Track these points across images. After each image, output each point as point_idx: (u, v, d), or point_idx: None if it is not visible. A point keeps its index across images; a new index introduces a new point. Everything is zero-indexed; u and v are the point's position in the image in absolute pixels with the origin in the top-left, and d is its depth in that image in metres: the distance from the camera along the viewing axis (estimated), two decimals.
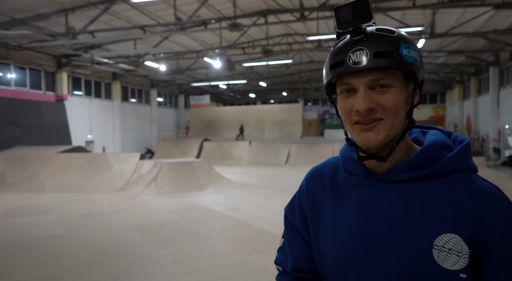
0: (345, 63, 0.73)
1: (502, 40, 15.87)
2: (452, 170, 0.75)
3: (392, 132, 0.75)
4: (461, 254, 0.69)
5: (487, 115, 20.16)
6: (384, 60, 0.72)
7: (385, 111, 0.74)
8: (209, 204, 7.86)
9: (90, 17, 13.15)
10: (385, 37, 0.74)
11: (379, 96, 0.74)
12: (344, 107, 0.77)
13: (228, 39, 17.27)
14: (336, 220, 0.82)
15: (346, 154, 0.87)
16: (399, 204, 0.75)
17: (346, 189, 0.84)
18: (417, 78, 0.76)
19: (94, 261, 4.48)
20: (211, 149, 19.97)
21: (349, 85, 0.75)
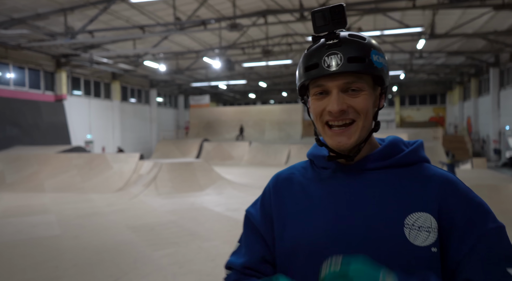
0: (320, 66, 0.78)
1: (502, 41, 15.86)
2: (411, 161, 0.84)
3: (362, 134, 0.81)
4: (430, 229, 0.75)
5: (487, 116, 20.16)
6: (357, 65, 0.76)
7: (357, 113, 0.79)
8: (209, 205, 7.84)
9: (89, 16, 13.12)
10: (358, 43, 0.78)
11: (351, 99, 0.78)
12: (316, 108, 0.81)
13: (228, 39, 17.25)
14: (307, 214, 0.84)
15: (315, 152, 0.92)
16: (369, 190, 0.81)
17: (317, 183, 0.87)
18: (385, 83, 0.82)
19: (92, 261, 4.45)
20: (211, 149, 19.95)
21: (323, 87, 0.79)
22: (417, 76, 25.98)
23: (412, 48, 18.02)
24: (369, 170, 0.84)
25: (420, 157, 0.86)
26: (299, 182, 0.91)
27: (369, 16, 13.81)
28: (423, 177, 0.81)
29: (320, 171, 0.89)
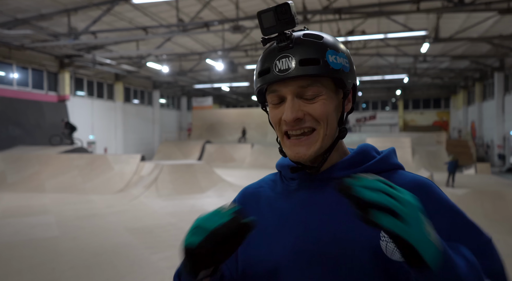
0: (271, 70, 0.72)
1: (507, 46, 15.75)
2: (383, 168, 0.78)
3: (324, 143, 0.74)
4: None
5: (492, 120, 20.01)
6: (310, 68, 0.70)
7: (315, 121, 0.72)
8: (209, 207, 7.78)
9: (92, 17, 13.15)
10: (311, 43, 0.72)
11: (307, 105, 0.72)
12: (273, 117, 0.76)
13: (231, 41, 17.25)
14: (274, 230, 0.78)
15: (282, 162, 0.86)
16: (339, 200, 0.69)
17: (285, 195, 0.81)
18: (346, 85, 0.74)
19: (90, 263, 4.40)
20: (213, 151, 19.93)
21: (277, 92, 0.73)
22: (421, 80, 25.86)
23: (416, 52, 17.94)
24: (338, 179, 0.74)
25: (392, 164, 0.80)
26: (266, 196, 0.84)
27: (373, 19, 13.75)
28: (398, 183, 0.70)
29: (288, 182, 0.83)
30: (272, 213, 0.80)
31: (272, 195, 0.84)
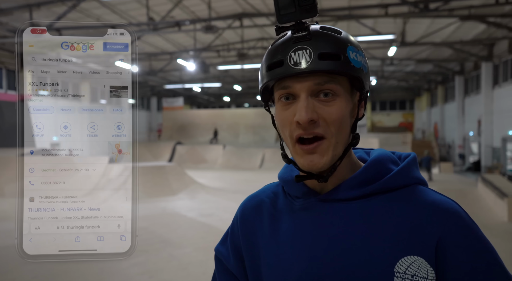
0: (285, 63, 0.63)
1: (467, 51, 16.58)
2: (401, 185, 0.68)
3: (337, 151, 0.66)
4: (426, 280, 0.60)
5: (453, 122, 21.02)
6: (330, 63, 0.62)
7: (327, 127, 0.64)
8: (181, 210, 7.63)
9: (56, 14, 12.58)
10: (331, 36, 0.65)
11: (322, 107, 0.64)
12: (283, 119, 0.67)
13: (203, 41, 17.08)
14: (279, 252, 0.70)
15: (285, 175, 0.76)
16: (350, 225, 0.66)
17: (289, 215, 0.73)
18: (364, 86, 0.67)
19: (55, 272, 4.18)
20: (184, 152, 19.63)
21: (289, 89, 0.65)
22: (388, 82, 26.76)
23: (384, 55, 18.53)
24: (348, 200, 0.68)
25: (412, 178, 0.69)
26: (269, 213, 0.76)
27: (342, 23, 14.06)
28: (418, 206, 0.65)
29: (292, 200, 0.74)
30: (275, 234, 0.72)
31: (274, 212, 0.76)
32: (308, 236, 0.68)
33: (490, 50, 16.09)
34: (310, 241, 0.68)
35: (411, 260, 0.61)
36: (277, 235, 0.72)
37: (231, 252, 0.79)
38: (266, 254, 0.72)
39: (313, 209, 0.70)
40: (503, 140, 15.22)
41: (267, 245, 0.73)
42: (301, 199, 0.73)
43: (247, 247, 0.76)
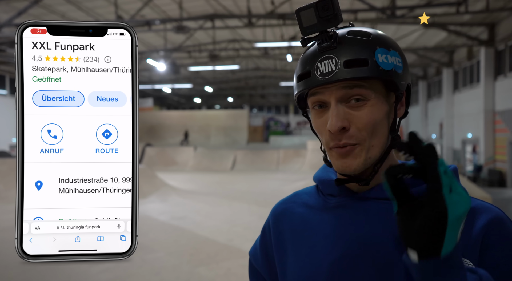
0: (312, 74, 0.65)
1: (430, 57, 17.40)
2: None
3: (372, 154, 0.66)
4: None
5: (417, 124, 21.95)
6: (357, 70, 0.62)
7: (359, 132, 0.64)
8: (152, 213, 7.44)
9: (17, 9, 11.93)
10: (358, 41, 0.64)
11: (353, 113, 0.64)
12: (318, 127, 0.69)
13: (174, 41, 16.82)
14: (311, 246, 0.71)
15: (322, 175, 0.78)
16: (385, 223, 0.66)
17: (322, 211, 0.74)
18: (398, 87, 0.66)
19: (19, 280, 3.95)
20: (154, 154, 19.21)
21: (319, 95, 0.66)
22: None
23: None
24: (385, 199, 0.68)
25: None
26: (300, 213, 0.77)
27: None
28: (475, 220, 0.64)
29: (327, 198, 0.75)
30: (307, 232, 0.73)
31: (305, 211, 0.76)
32: (342, 230, 0.69)
33: (451, 56, 16.98)
34: (344, 236, 0.68)
35: None
36: (309, 230, 0.73)
37: (261, 254, 0.80)
38: (296, 248, 0.73)
39: (349, 206, 0.71)
40: (463, 143, 16.06)
41: (297, 240, 0.74)
42: (336, 197, 0.74)
43: (277, 245, 0.77)
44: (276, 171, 16.54)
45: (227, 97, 33.77)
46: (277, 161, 17.82)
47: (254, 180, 13.36)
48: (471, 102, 14.76)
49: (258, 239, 0.84)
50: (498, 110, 12.94)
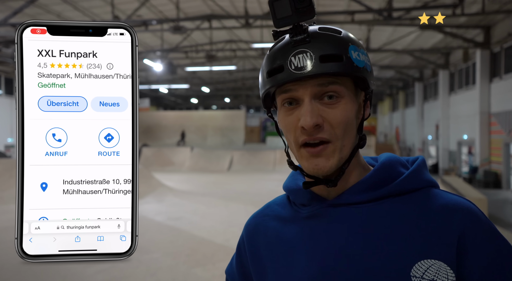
0: (286, 68, 0.61)
1: (426, 58, 17.48)
2: (414, 188, 0.66)
3: (343, 154, 0.64)
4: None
5: (413, 126, 22.04)
6: (332, 65, 0.60)
7: (332, 130, 0.62)
8: (148, 214, 7.42)
9: (12, 8, 11.85)
10: (331, 37, 0.63)
11: (327, 110, 0.62)
12: (287, 124, 0.65)
13: (170, 42, 16.79)
14: (288, 262, 0.68)
15: (290, 184, 0.74)
16: (361, 230, 0.63)
17: (296, 223, 0.70)
18: (369, 85, 0.66)
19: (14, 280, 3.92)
20: (151, 155, 19.15)
21: (292, 93, 0.63)
22: None
23: None
24: (359, 204, 0.66)
25: (424, 181, 0.68)
26: (273, 227, 0.73)
27: None
28: (434, 208, 0.63)
29: (298, 208, 0.72)
30: (282, 246, 0.70)
31: (278, 224, 0.73)
32: (317, 243, 0.66)
33: (447, 58, 17.06)
34: (320, 248, 0.65)
35: (429, 264, 0.59)
36: (284, 245, 0.70)
37: (237, 271, 0.78)
38: (274, 266, 0.70)
39: (321, 215, 0.68)
40: (459, 144, 16.14)
41: (274, 256, 0.71)
42: (308, 207, 0.70)
43: (253, 262, 0.74)
44: (273, 171, 16.54)
45: (224, 98, 33.74)
46: (273, 161, 17.83)
47: (251, 181, 13.35)
48: (467, 104, 14.84)
49: (234, 257, 0.81)
50: (494, 112, 13.02)
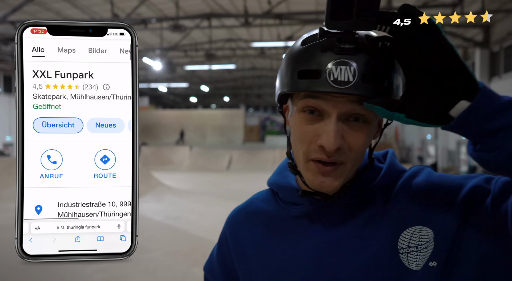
0: (323, 76, 0.55)
1: None
2: (392, 179, 0.68)
3: (350, 174, 0.63)
4: (428, 243, 0.59)
5: (412, 126, 22.06)
6: (372, 88, 0.54)
7: (350, 153, 0.60)
8: (147, 213, 7.41)
9: (11, 6, 11.82)
10: (378, 53, 0.56)
11: (351, 133, 0.58)
12: (303, 134, 0.60)
13: (170, 40, 16.76)
14: (278, 261, 0.67)
15: (279, 181, 0.72)
16: (353, 228, 0.64)
17: (285, 223, 0.69)
18: None
19: (12, 279, 3.91)
20: (150, 153, 19.15)
21: (319, 101, 0.58)
22: None
23: None
24: (350, 204, 0.67)
25: (400, 171, 0.69)
26: (262, 223, 0.71)
27: (309, 26, 14.35)
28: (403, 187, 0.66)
29: (288, 206, 0.70)
30: (272, 245, 0.69)
31: (267, 222, 0.71)
32: (312, 242, 0.65)
33: None
34: (315, 247, 0.65)
35: (410, 232, 0.60)
36: (274, 244, 0.69)
37: (219, 269, 0.75)
38: (264, 266, 0.68)
39: (314, 215, 0.67)
40: (458, 144, 16.17)
41: (263, 256, 0.69)
42: (300, 206, 0.69)
43: (240, 261, 0.72)
44: (272, 171, 16.34)
45: (223, 97, 33.74)
46: (273, 161, 17.84)
47: (250, 180, 13.35)
48: None
49: (214, 253, 0.79)
50: None
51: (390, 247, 0.61)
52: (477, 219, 0.57)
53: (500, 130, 0.48)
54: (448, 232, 0.58)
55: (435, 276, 0.57)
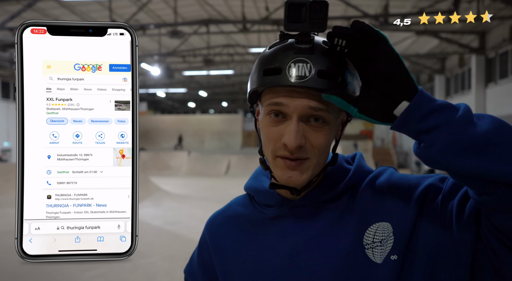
0: (283, 72, 0.61)
1: (422, 63, 17.61)
2: (360, 179, 0.74)
3: (316, 170, 0.68)
4: (389, 237, 0.64)
5: None
6: (327, 82, 0.61)
7: (312, 149, 0.65)
8: (146, 218, 7.40)
9: (10, 12, 11.86)
10: (334, 55, 0.63)
11: (312, 132, 0.64)
12: (269, 134, 0.66)
13: (168, 46, 16.83)
14: (256, 262, 0.71)
15: (255, 185, 0.77)
16: (323, 226, 0.69)
17: (262, 224, 0.73)
18: None
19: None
20: (148, 159, 19.11)
21: (281, 107, 0.64)
22: None
23: None
24: (322, 203, 0.71)
25: (367, 171, 0.75)
26: (239, 225, 0.76)
27: None
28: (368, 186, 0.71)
29: (263, 209, 0.74)
30: (250, 246, 0.73)
31: (244, 225, 0.76)
32: (286, 241, 0.69)
33: (443, 63, 17.20)
34: (289, 246, 0.69)
35: (374, 228, 0.66)
36: (252, 246, 0.73)
37: (199, 270, 0.79)
38: (243, 267, 0.72)
39: (288, 215, 0.71)
40: None
41: (241, 257, 0.73)
42: (274, 208, 0.73)
43: (220, 264, 0.75)
44: None
45: (222, 102, 33.77)
46: None
47: None
48: None
49: (195, 256, 0.82)
50: None
51: (357, 243, 0.65)
52: (430, 214, 0.63)
53: (432, 129, 0.55)
54: (406, 226, 0.64)
55: (395, 269, 0.62)
